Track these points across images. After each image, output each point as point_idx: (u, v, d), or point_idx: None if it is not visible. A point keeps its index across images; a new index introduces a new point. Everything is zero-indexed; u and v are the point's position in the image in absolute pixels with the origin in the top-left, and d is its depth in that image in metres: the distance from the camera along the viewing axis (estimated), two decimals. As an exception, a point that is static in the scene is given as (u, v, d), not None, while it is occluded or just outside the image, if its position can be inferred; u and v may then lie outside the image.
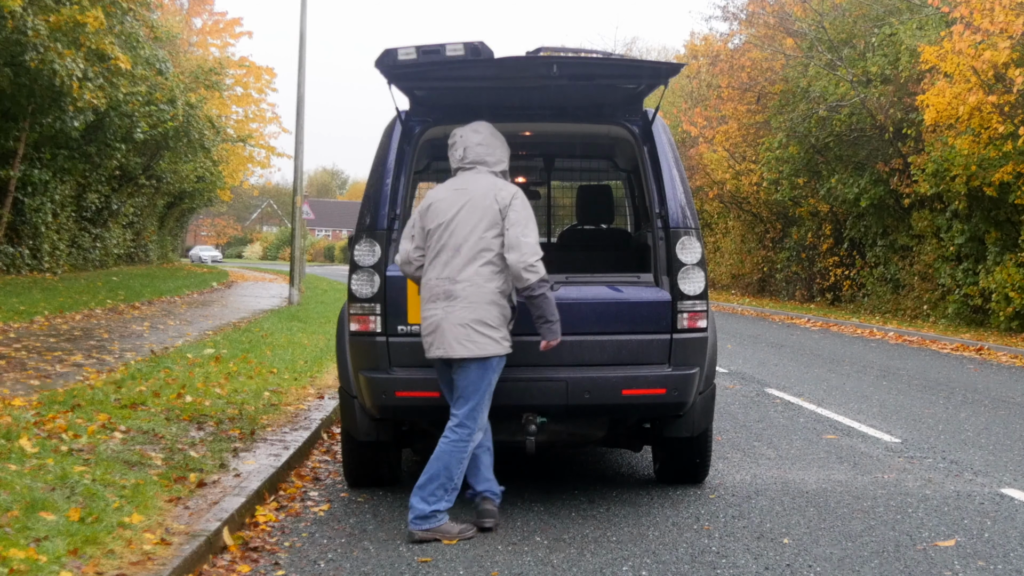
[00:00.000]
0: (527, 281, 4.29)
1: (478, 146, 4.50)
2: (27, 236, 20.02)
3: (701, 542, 4.35)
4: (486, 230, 4.33)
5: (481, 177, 4.48)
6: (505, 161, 4.57)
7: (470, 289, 4.29)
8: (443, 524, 4.30)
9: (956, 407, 8.31)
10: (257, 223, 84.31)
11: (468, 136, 4.54)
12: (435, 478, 4.28)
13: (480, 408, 4.34)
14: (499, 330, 4.33)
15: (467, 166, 4.52)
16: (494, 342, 4.31)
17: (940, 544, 4.36)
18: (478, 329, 4.27)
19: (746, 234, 28.38)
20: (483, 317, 4.28)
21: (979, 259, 16.49)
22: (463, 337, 4.27)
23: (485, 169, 4.50)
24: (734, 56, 23.44)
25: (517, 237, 4.30)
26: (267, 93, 36.24)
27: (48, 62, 14.52)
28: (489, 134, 4.56)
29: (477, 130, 4.56)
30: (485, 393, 4.33)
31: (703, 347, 4.81)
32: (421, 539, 4.26)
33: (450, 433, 4.33)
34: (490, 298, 4.31)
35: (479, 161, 4.50)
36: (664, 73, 4.85)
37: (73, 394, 6.44)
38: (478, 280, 4.30)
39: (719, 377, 9.28)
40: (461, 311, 4.28)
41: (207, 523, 4.06)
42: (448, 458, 4.29)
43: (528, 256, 4.28)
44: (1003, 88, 13.97)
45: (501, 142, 4.58)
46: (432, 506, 4.27)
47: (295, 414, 6.73)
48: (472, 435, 4.32)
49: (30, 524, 3.75)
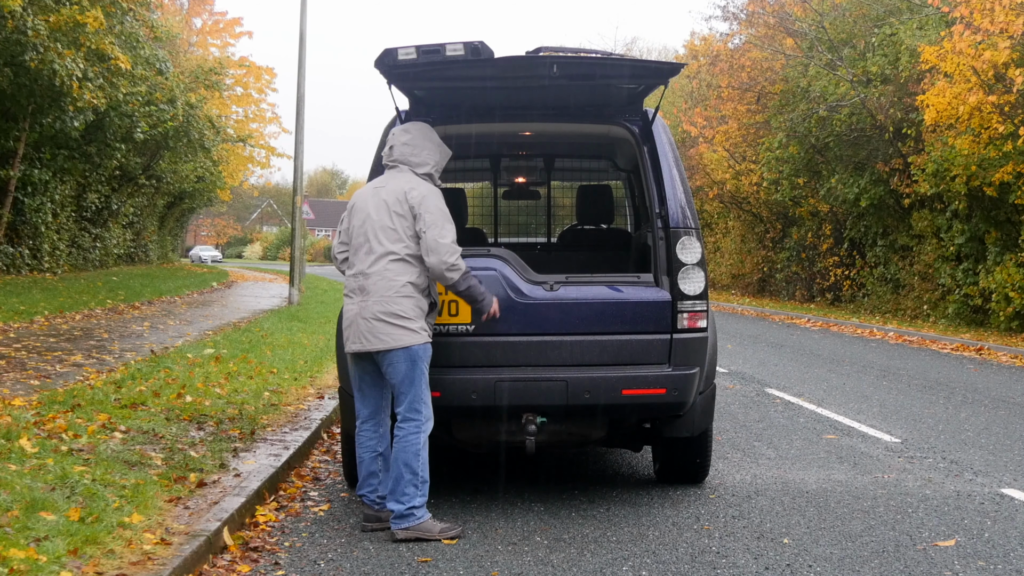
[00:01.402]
0: (451, 280, 4.34)
1: (403, 146, 4.51)
2: (27, 236, 20.02)
3: (701, 542, 4.35)
4: (396, 227, 4.36)
5: (400, 176, 4.48)
6: (432, 164, 4.52)
7: (381, 283, 4.32)
8: (423, 522, 4.29)
9: (956, 407, 8.31)
10: (257, 223, 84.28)
11: (397, 135, 4.55)
12: (400, 478, 4.28)
13: (419, 399, 4.32)
14: (415, 321, 4.32)
15: (391, 164, 4.55)
16: (411, 332, 4.30)
17: (940, 544, 4.36)
18: (392, 321, 4.29)
19: (746, 234, 28.38)
20: (395, 310, 4.30)
21: (979, 259, 16.49)
22: (378, 331, 4.30)
23: (407, 169, 4.49)
24: (734, 56, 23.43)
25: (434, 239, 4.31)
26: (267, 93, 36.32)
27: (48, 62, 14.51)
28: (420, 135, 4.54)
29: (407, 130, 4.55)
30: (420, 383, 4.32)
31: (703, 347, 4.81)
32: (404, 539, 4.26)
33: (397, 431, 4.33)
34: (402, 291, 4.32)
35: (402, 160, 4.50)
36: (664, 73, 4.85)
37: (73, 394, 6.43)
38: (388, 275, 4.33)
39: (719, 377, 9.27)
40: (373, 305, 4.32)
41: (207, 523, 4.05)
42: (404, 455, 4.28)
43: (447, 256, 4.31)
44: (1003, 88, 13.97)
45: (435, 145, 4.56)
46: (406, 504, 4.27)
47: (295, 414, 6.73)
48: (421, 426, 4.32)
49: (30, 524, 3.74)
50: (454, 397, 4.64)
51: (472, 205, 7.09)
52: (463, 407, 4.70)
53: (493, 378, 4.63)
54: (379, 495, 4.46)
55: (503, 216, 7.45)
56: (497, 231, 7.25)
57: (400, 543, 4.29)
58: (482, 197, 7.70)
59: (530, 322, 4.70)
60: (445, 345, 4.67)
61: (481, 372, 4.66)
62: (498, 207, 7.26)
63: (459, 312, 4.67)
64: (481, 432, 4.97)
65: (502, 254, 4.84)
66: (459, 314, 4.68)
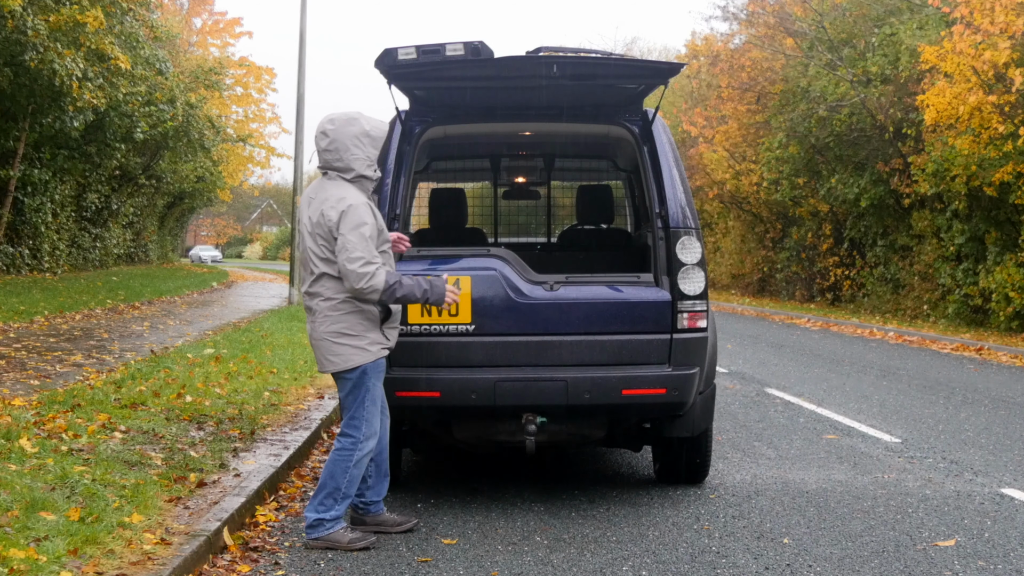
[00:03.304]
0: (374, 300, 4.11)
1: (324, 152, 4.20)
2: (27, 236, 20.00)
3: (701, 542, 4.34)
4: (323, 246, 4.14)
5: (326, 188, 4.19)
6: (359, 163, 4.15)
7: (323, 303, 4.17)
8: (333, 532, 4.19)
9: (956, 407, 8.30)
10: (257, 223, 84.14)
11: (318, 139, 4.21)
12: (323, 487, 4.21)
13: (360, 417, 4.19)
14: (362, 337, 4.14)
15: (320, 170, 4.27)
16: (359, 350, 4.14)
17: (940, 544, 4.35)
18: (337, 341, 4.15)
19: (746, 234, 28.37)
20: (341, 328, 4.14)
21: (979, 259, 16.48)
22: (325, 351, 4.18)
23: (335, 175, 4.19)
24: (734, 56, 23.43)
25: (344, 265, 4.05)
26: (267, 93, 36.14)
27: (48, 62, 14.50)
28: (340, 132, 4.16)
29: (325, 132, 4.19)
30: (364, 402, 4.18)
31: (703, 347, 4.80)
32: (313, 547, 4.19)
33: (335, 442, 4.28)
34: (342, 308, 4.14)
35: (327, 166, 4.22)
36: (664, 73, 4.85)
37: (73, 394, 6.42)
38: (327, 293, 4.16)
39: (719, 377, 9.27)
40: (319, 325, 4.18)
41: (207, 523, 4.04)
42: (332, 467, 4.21)
43: (356, 282, 4.03)
44: (1003, 88, 13.97)
45: (358, 138, 4.15)
46: (319, 514, 4.18)
47: (295, 414, 6.73)
48: (357, 444, 4.19)
49: (30, 524, 3.74)
50: (454, 397, 4.63)
51: (472, 205, 7.08)
52: (463, 407, 4.69)
53: (493, 378, 4.61)
54: (363, 500, 4.42)
55: (503, 216, 7.45)
56: (497, 231, 7.24)
57: (399, 543, 4.28)
58: (482, 197, 7.69)
59: (530, 322, 4.69)
60: (445, 345, 4.66)
61: (481, 372, 4.64)
62: (498, 207, 7.26)
63: (459, 312, 4.66)
64: (481, 432, 4.96)
65: (502, 254, 4.83)
66: (459, 314, 4.66)
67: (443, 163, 6.80)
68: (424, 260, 4.80)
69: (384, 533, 4.40)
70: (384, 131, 4.28)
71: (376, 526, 4.41)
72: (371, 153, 4.21)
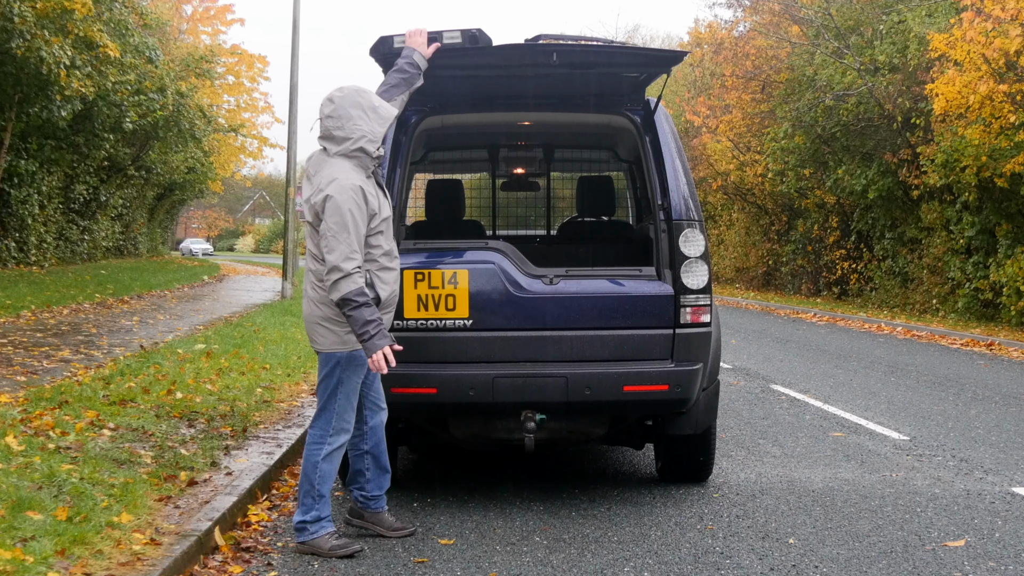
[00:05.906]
0: (334, 300, 3.93)
1: (327, 119, 4.00)
2: (13, 228, 19.93)
3: (705, 542, 4.28)
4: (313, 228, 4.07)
5: (322, 168, 4.02)
6: (362, 135, 3.96)
7: (313, 288, 4.11)
8: (316, 538, 4.06)
9: (966, 404, 8.20)
10: (249, 215, 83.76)
11: (323, 106, 4.02)
12: (300, 487, 4.13)
13: (331, 409, 4.07)
14: (345, 326, 4.00)
15: (319, 143, 4.08)
16: (337, 339, 4.04)
17: (950, 544, 4.30)
18: (323, 324, 4.09)
19: (751, 226, 28.24)
20: (325, 312, 4.07)
21: (990, 252, 16.33)
22: (311, 332, 4.15)
23: (333, 149, 4.00)
24: (738, 44, 23.23)
25: (323, 253, 3.95)
26: (259, 82, 35.65)
27: (35, 50, 14.32)
28: (345, 102, 3.98)
29: (332, 99, 4.01)
30: (336, 394, 4.07)
31: (707, 342, 4.73)
32: (300, 551, 4.10)
33: (307, 435, 4.19)
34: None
35: (326, 137, 4.02)
36: (666, 61, 4.82)
37: (60, 390, 6.36)
38: (314, 279, 4.10)
39: (723, 373, 9.19)
40: (309, 307, 4.14)
41: (198, 523, 4.00)
42: (305, 463, 4.12)
43: (329, 275, 3.90)
44: (1015, 76, 13.79)
45: (364, 111, 3.98)
46: (300, 517, 4.10)
47: (288, 411, 6.66)
48: (325, 438, 4.08)
49: (16, 524, 3.69)
50: (451, 393, 4.57)
51: (470, 196, 7.02)
52: (460, 404, 4.64)
53: (491, 374, 4.55)
54: (364, 494, 4.33)
55: (502, 208, 7.37)
56: (495, 223, 7.16)
57: (395, 542, 4.21)
58: (480, 188, 7.62)
59: (529, 317, 4.63)
60: (441, 340, 4.60)
61: (479, 368, 4.58)
62: (496, 199, 7.18)
63: (456, 306, 4.59)
64: (479, 430, 4.90)
65: (500, 247, 4.77)
66: (456, 308, 4.59)
67: (440, 153, 6.72)
68: (421, 253, 4.74)
69: (381, 537, 4.32)
70: (393, 114, 4.12)
71: (374, 525, 4.33)
72: (375, 129, 4.02)
